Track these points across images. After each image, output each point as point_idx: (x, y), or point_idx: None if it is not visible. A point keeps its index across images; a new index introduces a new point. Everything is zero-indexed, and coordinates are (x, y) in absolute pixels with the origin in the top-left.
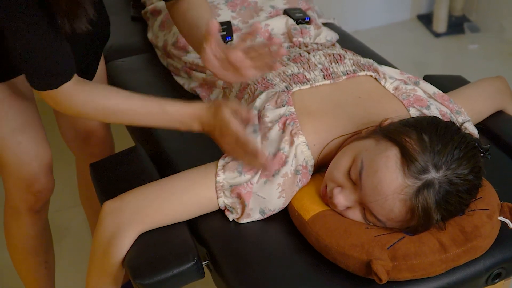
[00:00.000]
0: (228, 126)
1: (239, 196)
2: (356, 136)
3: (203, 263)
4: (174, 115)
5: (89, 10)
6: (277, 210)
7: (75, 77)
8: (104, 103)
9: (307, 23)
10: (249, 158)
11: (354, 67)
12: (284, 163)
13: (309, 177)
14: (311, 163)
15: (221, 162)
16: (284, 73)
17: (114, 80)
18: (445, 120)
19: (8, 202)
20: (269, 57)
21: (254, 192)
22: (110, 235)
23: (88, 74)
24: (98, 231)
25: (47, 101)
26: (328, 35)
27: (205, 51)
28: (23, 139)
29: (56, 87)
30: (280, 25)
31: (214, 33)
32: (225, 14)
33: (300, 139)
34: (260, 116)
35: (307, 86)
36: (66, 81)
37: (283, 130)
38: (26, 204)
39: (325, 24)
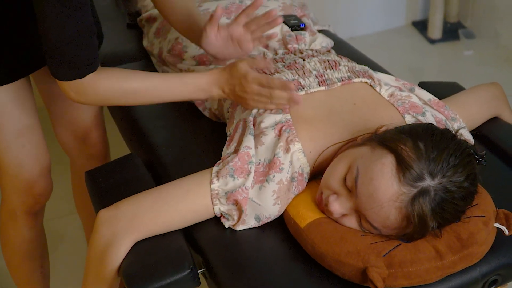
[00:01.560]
0: (247, 76)
1: (236, 203)
2: (351, 143)
3: (198, 271)
4: (194, 85)
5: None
6: (272, 217)
7: None
8: (125, 85)
9: (302, 29)
10: (276, 97)
11: (349, 74)
12: (280, 170)
13: (305, 184)
14: (306, 170)
15: (215, 169)
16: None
17: None
18: (441, 127)
19: (5, 205)
20: (267, 28)
21: (250, 198)
22: (105, 244)
23: None
24: (94, 240)
25: (67, 92)
26: (323, 42)
27: (207, 34)
28: (26, 141)
29: (83, 77)
30: (275, 31)
31: (218, 17)
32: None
33: (296, 146)
34: (256, 122)
35: (302, 93)
36: (93, 71)
37: (279, 136)
38: (24, 207)
39: (320, 31)
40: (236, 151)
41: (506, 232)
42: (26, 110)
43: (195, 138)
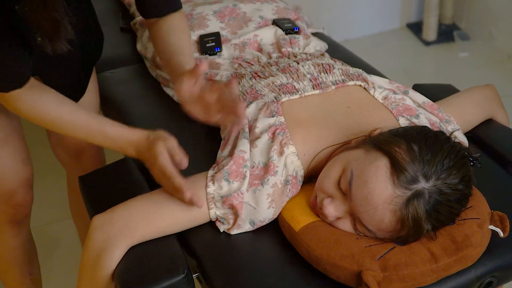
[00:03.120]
0: (156, 160)
1: (232, 207)
2: (345, 146)
3: (193, 276)
4: (113, 138)
5: (69, 30)
6: (267, 221)
7: (31, 81)
8: (47, 112)
9: (296, 33)
10: (176, 194)
11: (343, 77)
12: (274, 173)
13: (299, 188)
14: (301, 173)
15: (210, 172)
16: (273, 83)
17: (103, 92)
18: (435, 129)
19: None
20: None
21: (246, 201)
22: (99, 249)
23: (79, 88)
24: (88, 245)
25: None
26: (317, 45)
27: (183, 82)
28: (3, 153)
29: (6, 92)
30: (269, 35)
31: (201, 73)
32: (214, 25)
33: (290, 149)
34: (251, 126)
35: (296, 96)
36: (17, 88)
37: (273, 139)
38: (6, 216)
39: (314, 34)
40: (231, 154)
41: (501, 234)
42: (5, 122)
43: (189, 141)
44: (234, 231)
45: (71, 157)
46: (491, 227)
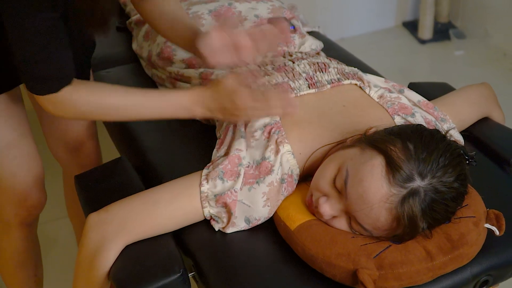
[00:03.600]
0: (238, 93)
1: (225, 205)
2: (341, 145)
3: (189, 275)
4: (176, 103)
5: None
6: (262, 220)
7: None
8: (104, 100)
9: (292, 32)
10: (273, 107)
11: (338, 76)
12: (270, 171)
13: (295, 186)
14: (296, 172)
15: (204, 171)
16: (268, 82)
17: None
18: (430, 128)
19: None
20: (274, 43)
21: (239, 200)
22: (95, 248)
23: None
24: (83, 244)
25: (45, 106)
26: (312, 44)
27: (210, 33)
28: (18, 153)
29: (57, 91)
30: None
31: (231, 22)
32: (209, 24)
33: (285, 148)
34: (246, 124)
35: (291, 95)
36: (66, 85)
37: (268, 138)
38: (18, 219)
39: (310, 33)
40: (226, 153)
41: (497, 232)
42: (16, 121)
43: (185, 141)
44: (229, 230)
45: (69, 153)
46: (487, 225)
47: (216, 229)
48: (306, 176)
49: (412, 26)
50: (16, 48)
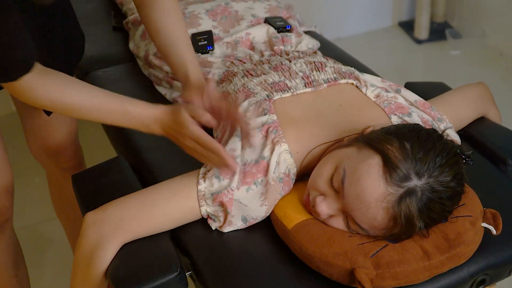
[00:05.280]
0: (184, 129)
1: (222, 204)
2: (338, 144)
3: (186, 274)
4: (135, 115)
5: None
6: (259, 219)
7: (38, 66)
8: (65, 96)
9: (288, 31)
10: (211, 158)
11: (335, 75)
12: (266, 171)
13: (292, 185)
14: (293, 171)
15: (202, 170)
16: (265, 81)
17: None
18: (427, 127)
19: None
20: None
21: (236, 199)
22: (92, 247)
23: None
24: (81, 243)
25: (11, 92)
26: (309, 43)
27: (193, 98)
28: None
29: (16, 80)
30: (261, 33)
31: (210, 92)
32: (206, 24)
33: (283, 147)
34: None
35: (288, 94)
36: (25, 73)
37: (266, 137)
38: None
39: (306, 32)
40: None
41: (494, 231)
42: None
43: None
44: (226, 229)
45: (50, 157)
46: (484, 224)
47: (213, 228)
48: (303, 175)
49: (408, 26)
50: None
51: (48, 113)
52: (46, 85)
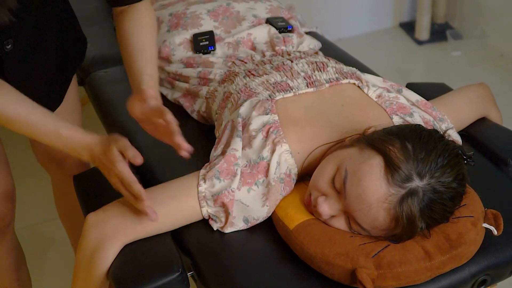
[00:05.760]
0: (114, 165)
1: (223, 205)
2: (339, 144)
3: (187, 274)
4: (67, 140)
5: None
6: (261, 219)
7: None
8: (4, 106)
9: (290, 31)
10: (132, 201)
11: (337, 75)
12: (267, 171)
13: (293, 186)
14: (294, 171)
15: (202, 171)
16: (267, 81)
17: (96, 91)
18: (428, 127)
19: None
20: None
21: (237, 199)
22: (94, 247)
23: (54, 97)
24: (82, 243)
25: None
26: (310, 44)
27: (134, 104)
28: None
29: None
30: (262, 34)
31: (147, 99)
32: (208, 24)
33: (283, 147)
34: (245, 124)
35: (290, 94)
36: None
37: (266, 138)
38: None
39: (307, 33)
40: (223, 153)
41: (495, 232)
42: None
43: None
44: (227, 229)
45: (54, 164)
46: (485, 225)
47: (215, 229)
48: (304, 175)
49: (409, 27)
50: None
51: None
52: None
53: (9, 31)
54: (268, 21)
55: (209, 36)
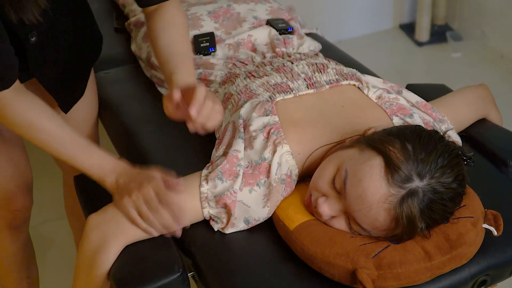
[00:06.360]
0: (152, 180)
1: (225, 206)
2: (340, 145)
3: (188, 274)
4: (95, 162)
5: (40, 1)
6: (261, 220)
7: (17, 84)
8: (36, 121)
9: (290, 33)
10: (160, 217)
11: (337, 76)
12: (268, 172)
13: (294, 186)
14: (295, 172)
15: (204, 172)
16: (267, 83)
17: (97, 92)
18: (428, 128)
19: None
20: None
21: (239, 200)
22: (95, 248)
23: (74, 92)
24: (83, 244)
25: None
26: (311, 45)
27: (168, 105)
28: (3, 159)
29: None
30: (263, 35)
31: (174, 101)
32: (208, 25)
33: (284, 148)
34: (246, 125)
35: (290, 96)
36: (3, 89)
37: (267, 139)
38: (5, 221)
39: (308, 34)
40: (225, 154)
41: (495, 233)
42: (3, 127)
43: (184, 142)
44: (228, 230)
45: None
46: (485, 225)
47: (216, 230)
48: (305, 176)
49: (409, 28)
50: None
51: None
52: (22, 104)
53: (34, 24)
54: (269, 23)
55: (210, 38)
